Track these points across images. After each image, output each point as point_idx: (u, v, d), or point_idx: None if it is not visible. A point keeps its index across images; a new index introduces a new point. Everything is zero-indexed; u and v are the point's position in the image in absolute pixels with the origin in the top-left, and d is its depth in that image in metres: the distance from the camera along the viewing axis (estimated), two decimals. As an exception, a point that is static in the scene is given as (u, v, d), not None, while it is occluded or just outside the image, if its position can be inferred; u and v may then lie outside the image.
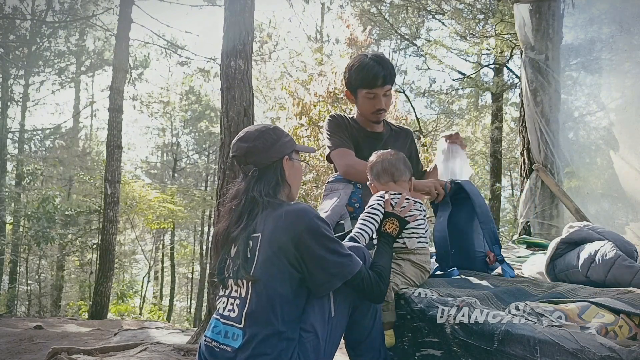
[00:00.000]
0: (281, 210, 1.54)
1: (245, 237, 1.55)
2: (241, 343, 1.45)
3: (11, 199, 12.48)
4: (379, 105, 2.33)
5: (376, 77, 2.26)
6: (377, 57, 2.31)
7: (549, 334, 1.24)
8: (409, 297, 1.71)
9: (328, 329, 1.55)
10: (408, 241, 1.87)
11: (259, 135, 1.68)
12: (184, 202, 16.62)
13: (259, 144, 1.67)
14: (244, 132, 1.73)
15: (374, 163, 2.03)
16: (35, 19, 12.96)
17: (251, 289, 1.50)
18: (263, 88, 13.67)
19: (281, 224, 1.51)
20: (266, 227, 1.53)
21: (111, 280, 9.25)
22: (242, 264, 1.52)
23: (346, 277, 1.51)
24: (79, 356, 3.24)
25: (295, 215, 1.52)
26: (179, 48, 14.22)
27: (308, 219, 1.51)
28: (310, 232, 1.50)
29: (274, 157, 1.68)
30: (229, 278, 1.57)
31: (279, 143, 1.70)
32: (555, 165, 4.21)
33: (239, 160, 1.70)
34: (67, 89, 16.07)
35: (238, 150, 1.69)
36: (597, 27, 4.17)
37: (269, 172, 1.67)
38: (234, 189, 1.70)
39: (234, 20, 3.81)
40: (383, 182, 1.99)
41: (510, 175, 16.06)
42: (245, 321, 1.47)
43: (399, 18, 10.90)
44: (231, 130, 3.66)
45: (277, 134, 1.72)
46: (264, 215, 1.57)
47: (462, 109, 14.18)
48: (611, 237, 1.93)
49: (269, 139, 1.68)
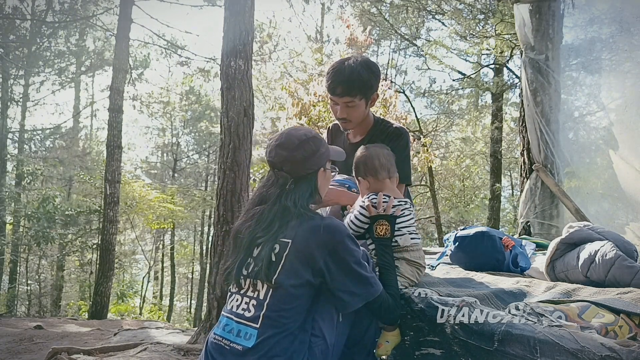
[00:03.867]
0: (318, 223, 1.55)
1: (272, 240, 1.55)
2: (254, 343, 1.46)
3: (11, 199, 12.46)
4: (339, 114, 2.23)
5: (334, 86, 2.16)
6: (349, 65, 2.15)
7: (549, 334, 1.24)
8: (409, 297, 1.71)
9: (335, 334, 1.57)
10: (400, 239, 1.84)
11: (300, 145, 1.64)
12: (184, 202, 16.61)
13: (298, 155, 1.63)
14: (285, 138, 1.67)
15: (368, 158, 1.93)
16: (35, 19, 12.95)
17: (271, 291, 1.51)
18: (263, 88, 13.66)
19: (315, 237, 1.52)
20: (298, 235, 1.54)
21: (111, 280, 9.25)
22: (265, 266, 1.52)
23: (368, 299, 1.56)
24: (79, 356, 3.24)
25: (330, 232, 1.53)
26: (179, 48, 14.22)
27: (342, 238, 1.54)
28: (342, 251, 1.52)
29: (311, 168, 1.67)
30: (248, 277, 1.57)
31: (317, 154, 1.68)
32: (555, 165, 4.21)
33: (275, 166, 1.67)
34: (67, 89, 16.07)
35: (276, 157, 1.65)
36: (597, 27, 4.17)
37: (303, 182, 1.65)
38: (263, 191, 1.68)
39: (234, 20, 3.81)
40: (381, 179, 1.92)
41: (510, 175, 16.05)
42: (262, 322, 1.48)
43: (399, 18, 10.90)
44: (231, 131, 3.66)
45: (317, 144, 1.68)
46: (295, 223, 1.56)
47: (462, 109, 14.18)
48: (611, 237, 1.93)
49: (308, 149, 1.65)
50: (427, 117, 14.50)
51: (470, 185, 15.03)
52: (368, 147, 2.00)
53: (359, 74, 2.13)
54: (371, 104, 2.29)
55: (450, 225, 13.95)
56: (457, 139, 14.64)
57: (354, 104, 2.19)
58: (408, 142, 2.29)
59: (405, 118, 7.50)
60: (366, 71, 2.15)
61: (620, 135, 3.77)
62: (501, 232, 2.35)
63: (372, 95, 2.24)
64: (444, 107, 14.23)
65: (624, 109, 3.82)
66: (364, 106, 2.23)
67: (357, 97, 2.17)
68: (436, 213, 10.96)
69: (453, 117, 14.00)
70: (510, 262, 2.19)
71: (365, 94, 2.19)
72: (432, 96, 13.79)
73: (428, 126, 13.39)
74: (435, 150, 9.36)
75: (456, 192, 14.40)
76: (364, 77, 2.14)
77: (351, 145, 2.41)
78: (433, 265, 2.43)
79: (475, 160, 14.19)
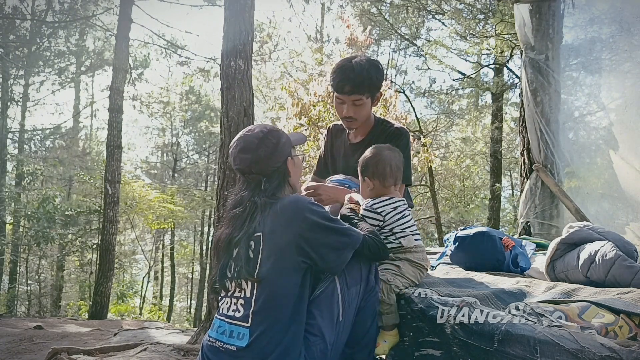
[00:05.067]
0: (276, 207, 1.56)
1: (246, 238, 1.56)
2: (248, 342, 1.46)
3: (11, 199, 12.46)
4: (345, 113, 2.23)
5: (342, 84, 2.16)
6: (357, 63, 2.16)
7: (549, 334, 1.24)
8: (409, 297, 1.71)
9: (335, 333, 1.57)
10: (404, 240, 1.83)
11: (259, 143, 1.63)
12: (184, 202, 16.61)
13: (261, 153, 1.62)
14: (243, 142, 1.65)
15: (380, 161, 1.87)
16: (35, 19, 12.95)
17: (256, 288, 1.51)
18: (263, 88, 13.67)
19: (280, 220, 1.53)
20: (266, 225, 1.54)
21: (111, 280, 9.25)
22: (244, 264, 1.52)
23: (355, 247, 1.58)
24: (79, 356, 3.24)
25: (291, 208, 1.55)
26: (179, 48, 14.20)
27: (304, 208, 1.54)
28: (310, 219, 1.53)
29: (278, 161, 1.66)
30: (232, 279, 1.57)
31: (280, 145, 1.67)
32: (555, 165, 4.21)
33: (244, 172, 1.65)
34: (67, 89, 16.08)
35: (241, 163, 1.64)
36: (597, 27, 4.17)
37: (274, 177, 1.65)
38: (237, 195, 1.67)
39: (234, 20, 3.81)
40: (387, 185, 1.88)
41: (510, 175, 16.05)
42: (252, 320, 1.48)
43: (399, 18, 10.91)
44: (231, 130, 3.66)
45: (276, 136, 1.67)
46: (263, 215, 1.57)
47: (462, 109, 14.18)
48: (611, 237, 1.93)
49: (269, 144, 1.64)
50: (427, 117, 14.51)
51: (470, 185, 15.03)
52: (382, 150, 1.93)
53: (368, 72, 2.15)
54: (375, 103, 2.31)
55: (450, 226, 13.95)
56: (457, 139, 14.64)
57: (361, 103, 2.20)
58: (408, 142, 2.30)
59: (405, 118, 7.49)
60: (374, 70, 2.18)
61: (620, 135, 3.77)
62: (501, 232, 2.35)
63: (377, 94, 2.27)
64: (444, 107, 14.22)
65: (624, 109, 3.82)
66: (370, 105, 2.26)
67: (365, 96, 2.19)
68: (436, 213, 10.96)
69: (453, 117, 14.00)
70: (510, 262, 2.19)
71: (372, 93, 2.22)
72: (432, 96, 13.79)
73: (428, 126, 13.39)
74: (435, 150, 9.35)
75: (456, 192, 14.39)
76: (373, 75, 2.17)
77: (352, 145, 2.41)
78: (433, 266, 2.43)
79: (475, 160, 14.18)
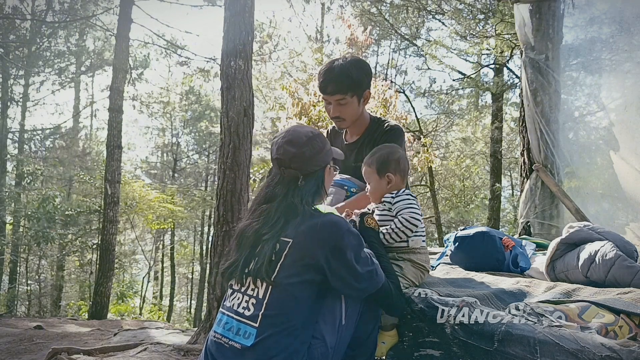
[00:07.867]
0: (316, 221, 1.54)
1: (275, 239, 1.55)
2: (253, 342, 1.46)
3: (11, 199, 12.46)
4: (332, 113, 2.29)
5: (325, 85, 2.23)
6: (339, 64, 2.22)
7: (549, 334, 1.24)
8: (409, 297, 1.70)
9: (337, 336, 1.56)
10: (411, 240, 1.84)
11: (308, 142, 1.64)
12: (184, 202, 16.61)
13: (307, 151, 1.63)
14: (292, 135, 1.66)
15: (402, 158, 1.94)
16: (35, 19, 12.94)
17: (270, 291, 1.50)
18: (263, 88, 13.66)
19: (315, 235, 1.52)
20: (299, 234, 1.53)
21: (111, 280, 9.25)
22: (265, 264, 1.51)
23: (371, 292, 1.57)
24: (79, 356, 3.24)
25: (330, 228, 1.53)
26: (179, 48, 14.20)
27: (342, 233, 1.53)
28: (343, 247, 1.51)
29: (318, 165, 1.67)
30: (250, 275, 1.56)
31: (324, 151, 1.68)
32: (555, 165, 4.21)
33: (283, 164, 1.64)
34: (67, 89, 16.06)
35: (285, 154, 1.63)
36: (597, 27, 4.17)
37: (312, 179, 1.65)
38: (269, 190, 1.66)
39: (234, 20, 3.81)
40: (404, 180, 1.95)
41: (510, 175, 16.05)
42: (261, 322, 1.47)
43: (399, 18, 10.91)
44: (231, 131, 3.66)
45: (323, 141, 1.69)
46: (298, 221, 1.56)
47: (462, 109, 14.19)
48: (611, 238, 1.93)
49: (316, 146, 1.65)
50: (427, 117, 14.52)
51: (470, 185, 15.04)
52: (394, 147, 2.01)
53: (348, 71, 2.20)
54: (364, 102, 2.33)
55: (450, 226, 13.96)
56: (457, 139, 14.64)
57: (346, 102, 2.25)
58: (403, 140, 2.33)
59: (405, 118, 7.50)
60: (355, 68, 2.22)
61: (620, 135, 3.77)
62: (501, 232, 2.35)
63: (363, 93, 2.29)
64: (444, 107, 14.23)
65: (624, 109, 3.82)
66: (356, 104, 2.28)
67: (349, 95, 2.24)
68: (436, 213, 10.97)
69: (453, 117, 14.01)
70: (510, 263, 2.19)
71: (355, 91, 2.25)
72: (432, 96, 13.79)
73: (428, 126, 13.40)
74: (435, 150, 9.36)
75: (456, 192, 14.40)
76: (353, 74, 2.21)
77: (347, 145, 2.44)
78: (433, 266, 2.43)
79: (475, 160, 14.19)
